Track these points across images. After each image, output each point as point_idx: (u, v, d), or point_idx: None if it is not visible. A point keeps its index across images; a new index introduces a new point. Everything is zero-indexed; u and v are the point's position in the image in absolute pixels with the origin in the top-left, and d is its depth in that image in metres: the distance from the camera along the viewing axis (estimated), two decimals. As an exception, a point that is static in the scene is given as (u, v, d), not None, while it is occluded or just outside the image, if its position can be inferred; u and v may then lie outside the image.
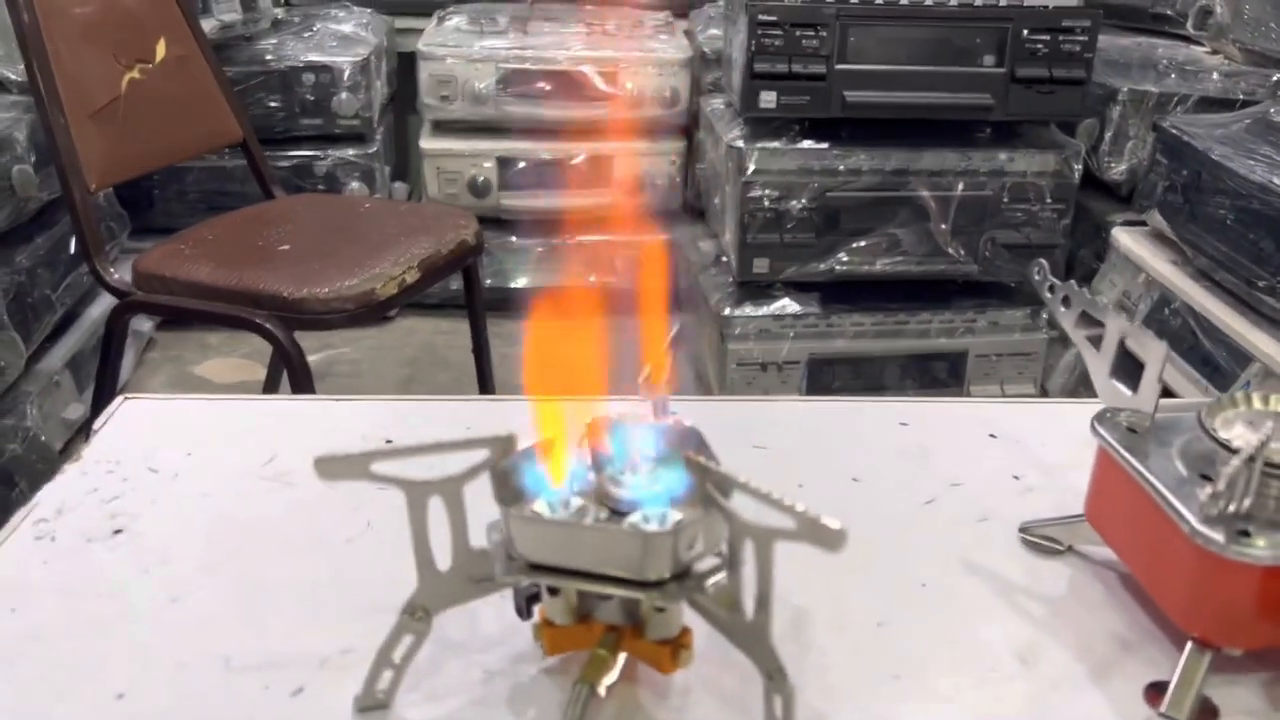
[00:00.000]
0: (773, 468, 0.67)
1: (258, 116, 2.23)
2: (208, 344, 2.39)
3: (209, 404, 0.74)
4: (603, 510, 0.47)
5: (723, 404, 0.85)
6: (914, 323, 2.06)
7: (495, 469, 0.47)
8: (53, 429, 1.82)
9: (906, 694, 0.50)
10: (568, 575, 0.45)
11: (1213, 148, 1.66)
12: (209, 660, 0.51)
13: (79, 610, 0.53)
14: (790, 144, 1.97)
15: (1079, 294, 0.56)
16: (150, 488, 0.63)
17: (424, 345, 2.45)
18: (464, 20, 2.53)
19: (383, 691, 0.48)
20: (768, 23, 1.86)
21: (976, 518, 0.62)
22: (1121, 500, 0.54)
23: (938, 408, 0.75)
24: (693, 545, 0.44)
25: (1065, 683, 0.51)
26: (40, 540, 0.58)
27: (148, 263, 1.54)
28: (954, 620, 0.55)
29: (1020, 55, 1.89)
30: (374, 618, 0.51)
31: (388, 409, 0.75)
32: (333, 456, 0.45)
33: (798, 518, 0.41)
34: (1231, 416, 0.53)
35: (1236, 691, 0.51)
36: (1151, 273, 1.81)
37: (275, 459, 0.66)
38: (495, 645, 0.52)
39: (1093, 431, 0.55)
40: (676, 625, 0.47)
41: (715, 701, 0.49)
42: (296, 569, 0.57)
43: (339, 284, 1.47)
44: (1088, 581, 0.58)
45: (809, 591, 0.55)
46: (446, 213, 1.86)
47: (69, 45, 1.50)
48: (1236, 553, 0.47)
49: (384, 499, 0.58)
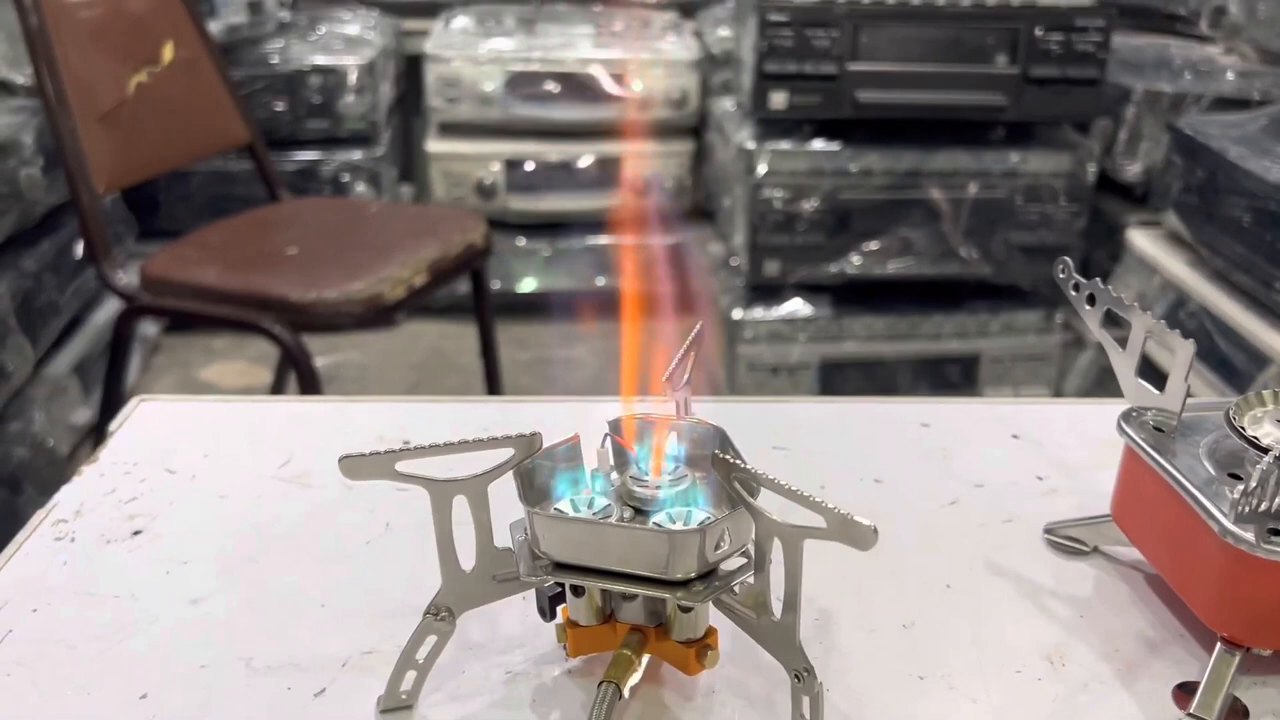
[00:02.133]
0: (794, 468, 0.66)
1: (264, 119, 2.23)
2: (213, 348, 2.39)
3: (224, 405, 0.74)
4: (627, 510, 0.47)
5: (741, 405, 0.85)
6: (926, 325, 2.05)
7: (519, 468, 0.46)
8: (60, 434, 1.82)
9: (932, 695, 0.49)
10: (593, 575, 0.45)
11: (1228, 148, 1.66)
12: (231, 661, 0.50)
13: (100, 611, 0.53)
14: (801, 145, 1.96)
15: (1104, 292, 0.56)
16: (168, 489, 0.63)
17: (432, 349, 2.45)
18: (471, 22, 2.53)
19: (406, 692, 0.48)
20: (778, 22, 1.86)
21: (1001, 519, 0.62)
22: (1148, 500, 0.53)
23: (959, 409, 0.75)
24: (719, 545, 0.44)
25: (1093, 684, 0.50)
26: (60, 541, 0.58)
27: (154, 267, 1.54)
28: (980, 621, 0.54)
29: (1034, 55, 1.89)
30: (395, 619, 0.51)
31: (402, 410, 0.75)
32: (358, 456, 0.44)
33: (828, 516, 0.40)
34: (1260, 415, 0.52)
35: (1266, 692, 0.50)
36: (1167, 274, 1.80)
37: (292, 460, 0.65)
38: (518, 646, 0.51)
39: (1119, 431, 0.54)
40: (702, 626, 0.47)
41: (741, 703, 0.48)
42: (316, 570, 0.56)
43: (346, 287, 1.47)
44: (1114, 582, 0.57)
45: (834, 593, 0.55)
46: (454, 215, 1.85)
47: (77, 49, 1.50)
48: (1267, 552, 0.46)
49: (401, 501, 0.59)
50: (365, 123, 2.36)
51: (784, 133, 1.98)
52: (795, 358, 2.03)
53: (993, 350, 2.07)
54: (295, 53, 2.34)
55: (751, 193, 1.95)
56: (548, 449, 0.47)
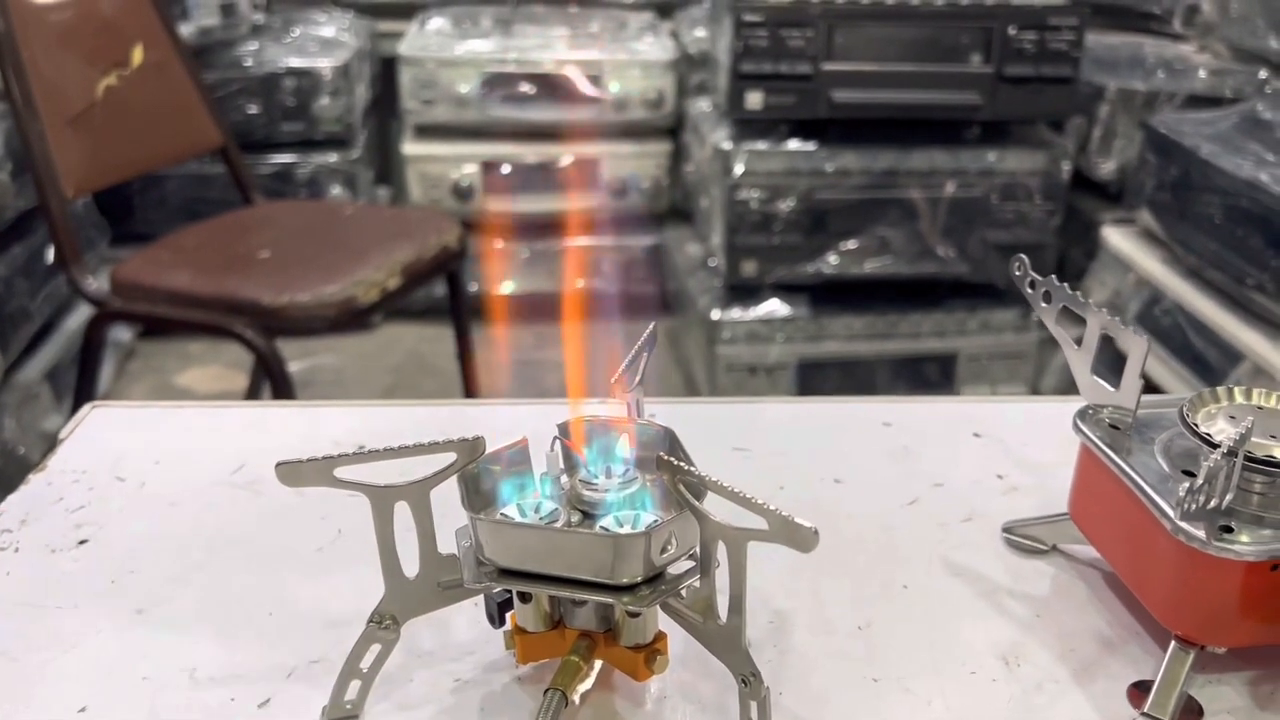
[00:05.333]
0: (754, 470, 0.66)
1: (238, 122, 2.22)
2: (189, 353, 2.37)
3: (178, 411, 0.73)
4: (575, 514, 0.46)
5: (704, 406, 0.84)
6: (904, 325, 2.05)
7: (463, 472, 0.46)
8: (31, 441, 1.81)
9: (887, 697, 0.49)
10: (539, 580, 0.44)
11: (1201, 145, 1.66)
12: (174, 673, 0.49)
13: (42, 622, 0.52)
14: (777, 145, 1.96)
15: (1059, 289, 0.55)
16: (117, 497, 0.62)
17: (409, 352, 2.44)
18: (446, 23, 2.51)
19: (350, 702, 0.47)
20: (753, 23, 1.85)
21: (960, 518, 0.61)
22: (1104, 498, 0.53)
23: (921, 407, 0.74)
24: (665, 548, 0.43)
25: (1048, 684, 0.50)
26: (3, 551, 0.57)
27: (126, 271, 1.52)
28: (936, 622, 0.54)
29: (1008, 54, 1.89)
30: (344, 627, 0.50)
31: (361, 414, 0.74)
32: (295, 462, 0.44)
33: (770, 517, 0.40)
34: (1214, 411, 0.52)
35: (1221, 690, 0.50)
36: (1141, 271, 1.80)
37: (245, 466, 0.65)
38: (467, 654, 0.50)
39: (1075, 429, 0.54)
40: (651, 631, 0.46)
41: (692, 708, 0.48)
42: (265, 578, 0.56)
43: (320, 290, 1.46)
44: (1071, 581, 0.57)
45: (789, 595, 0.54)
46: (429, 217, 1.84)
47: (45, 52, 1.49)
48: (1218, 549, 0.46)
49: (354, 507, 0.57)
50: (340, 125, 2.34)
51: (760, 133, 1.98)
52: (773, 358, 2.03)
53: (970, 349, 2.07)
54: (269, 55, 2.32)
55: (728, 193, 1.95)
56: (494, 453, 0.47)
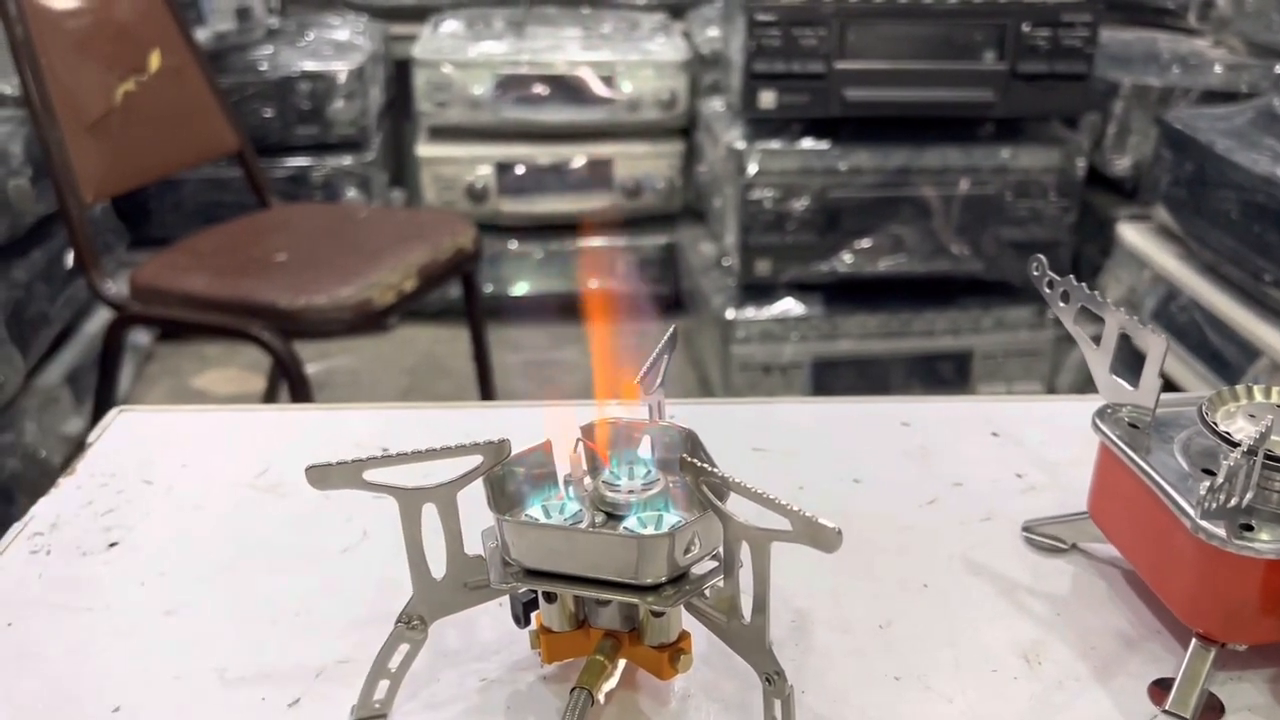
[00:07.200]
0: (773, 470, 0.66)
1: (253, 126, 2.23)
2: (206, 356, 2.39)
3: (203, 415, 0.73)
4: (599, 515, 0.47)
5: (722, 406, 0.85)
6: (918, 323, 2.05)
7: (489, 475, 0.46)
8: (52, 444, 1.82)
9: (908, 696, 0.49)
10: (564, 581, 0.45)
11: (1217, 141, 1.66)
12: (205, 673, 0.50)
13: (74, 624, 0.53)
14: (790, 144, 1.96)
15: (1078, 289, 0.56)
16: (145, 500, 0.63)
17: (424, 354, 2.45)
18: (459, 25, 2.52)
19: (379, 701, 0.48)
20: (766, 22, 1.86)
21: (979, 517, 0.62)
22: (1123, 496, 0.53)
23: (939, 407, 0.75)
24: (689, 549, 0.44)
25: (1069, 681, 0.50)
26: (35, 554, 0.58)
27: (144, 275, 1.54)
28: (957, 621, 0.54)
29: (1021, 51, 1.89)
30: (371, 628, 0.51)
31: (384, 417, 0.75)
32: (324, 465, 0.44)
33: (793, 518, 0.40)
34: (1233, 410, 0.52)
35: (1242, 687, 0.50)
36: (1157, 268, 1.80)
37: (269, 470, 0.65)
38: (493, 653, 0.51)
39: (1094, 428, 0.54)
40: (675, 630, 0.47)
41: (716, 707, 0.48)
42: (292, 580, 0.56)
43: (336, 293, 1.46)
44: (1091, 579, 0.57)
45: (811, 594, 0.55)
46: (444, 219, 1.85)
47: (63, 58, 1.50)
48: (1239, 547, 0.46)
49: (379, 508, 0.58)
50: (355, 128, 2.35)
51: (773, 132, 1.98)
52: (788, 357, 2.03)
53: (985, 347, 2.07)
54: (284, 59, 2.33)
55: (742, 193, 1.95)
56: (519, 455, 0.47)
